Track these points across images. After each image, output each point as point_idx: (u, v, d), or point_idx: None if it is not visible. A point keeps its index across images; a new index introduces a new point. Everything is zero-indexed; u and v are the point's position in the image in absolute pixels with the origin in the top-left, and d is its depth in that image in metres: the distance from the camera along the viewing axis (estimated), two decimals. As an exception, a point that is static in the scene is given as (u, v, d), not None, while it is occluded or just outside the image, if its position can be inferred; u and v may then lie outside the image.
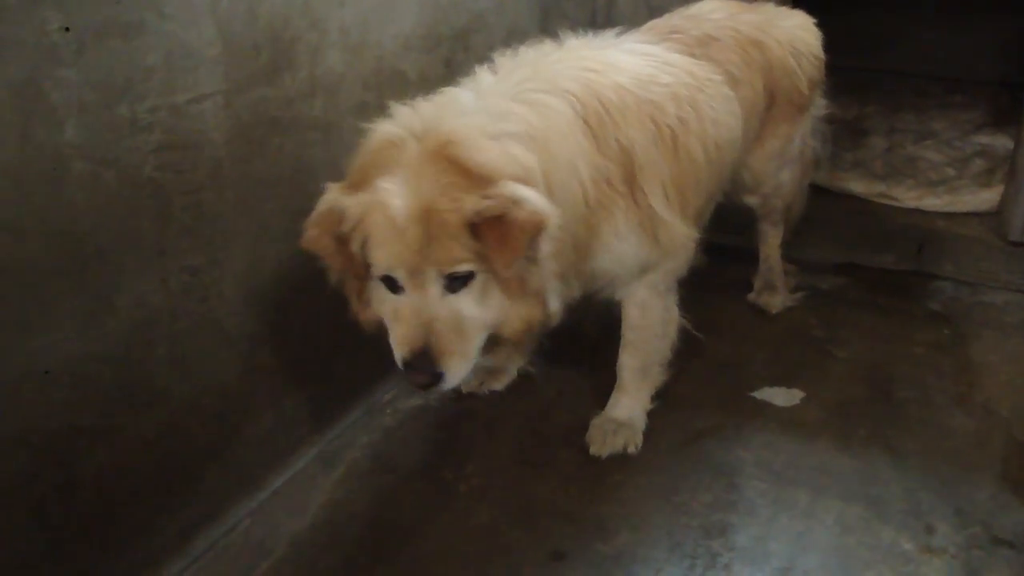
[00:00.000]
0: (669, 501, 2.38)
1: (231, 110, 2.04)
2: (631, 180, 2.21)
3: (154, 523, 2.09)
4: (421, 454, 2.59)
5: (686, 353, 2.70)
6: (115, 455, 1.94)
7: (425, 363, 1.91)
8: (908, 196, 4.09)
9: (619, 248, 2.26)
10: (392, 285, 1.96)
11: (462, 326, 1.95)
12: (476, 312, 1.96)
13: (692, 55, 2.51)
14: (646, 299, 2.49)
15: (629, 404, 2.61)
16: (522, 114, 2.01)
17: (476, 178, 1.86)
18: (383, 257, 1.91)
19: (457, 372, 1.95)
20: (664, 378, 2.66)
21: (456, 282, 1.92)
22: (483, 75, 2.19)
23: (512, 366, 2.85)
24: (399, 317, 1.96)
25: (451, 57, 2.84)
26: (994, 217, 3.90)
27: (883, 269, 3.57)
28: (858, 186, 4.18)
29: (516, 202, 1.83)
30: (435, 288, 1.92)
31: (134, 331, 1.92)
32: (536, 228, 1.86)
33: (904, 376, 2.89)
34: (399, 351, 1.96)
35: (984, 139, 4.50)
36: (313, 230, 1.96)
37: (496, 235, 1.85)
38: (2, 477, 1.71)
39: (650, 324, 2.54)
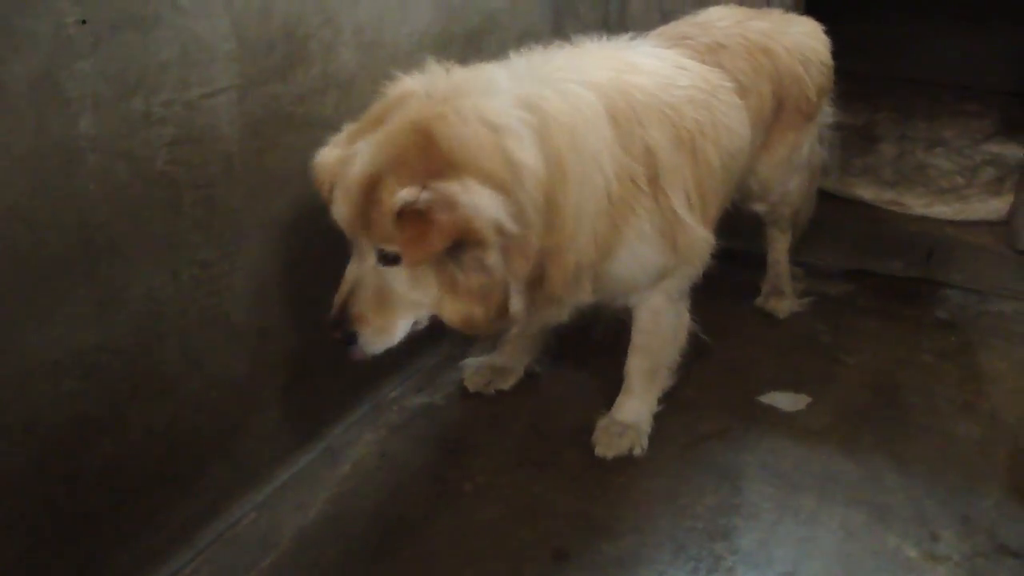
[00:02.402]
0: (674, 504, 2.38)
1: (244, 106, 2.04)
2: (654, 182, 2.21)
3: (160, 515, 2.09)
4: (426, 452, 2.59)
5: (693, 356, 2.70)
6: (122, 447, 1.95)
7: (340, 321, 1.97)
8: (917, 203, 4.09)
9: (640, 251, 2.25)
10: None
11: (386, 299, 1.97)
12: (404, 290, 1.96)
13: (702, 62, 2.50)
14: (659, 305, 2.49)
15: (636, 407, 2.61)
16: (552, 100, 2.00)
17: (441, 161, 1.84)
18: (334, 213, 1.97)
19: (369, 341, 1.98)
20: (672, 381, 2.67)
21: (391, 257, 1.92)
22: (516, 59, 2.18)
23: (519, 366, 2.86)
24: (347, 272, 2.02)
25: (464, 57, 2.83)
26: (1003, 226, 3.89)
27: (891, 276, 3.56)
28: (867, 192, 4.17)
29: (449, 204, 1.80)
30: (371, 257, 1.96)
31: (144, 323, 1.93)
32: (458, 234, 1.82)
33: (911, 383, 2.89)
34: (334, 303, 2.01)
35: (994, 148, 4.49)
36: (315, 169, 2.02)
37: (411, 229, 1.83)
38: (10, 467, 1.72)
39: (661, 330, 2.54)
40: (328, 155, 1.99)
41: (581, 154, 2.00)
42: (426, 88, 1.97)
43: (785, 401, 2.80)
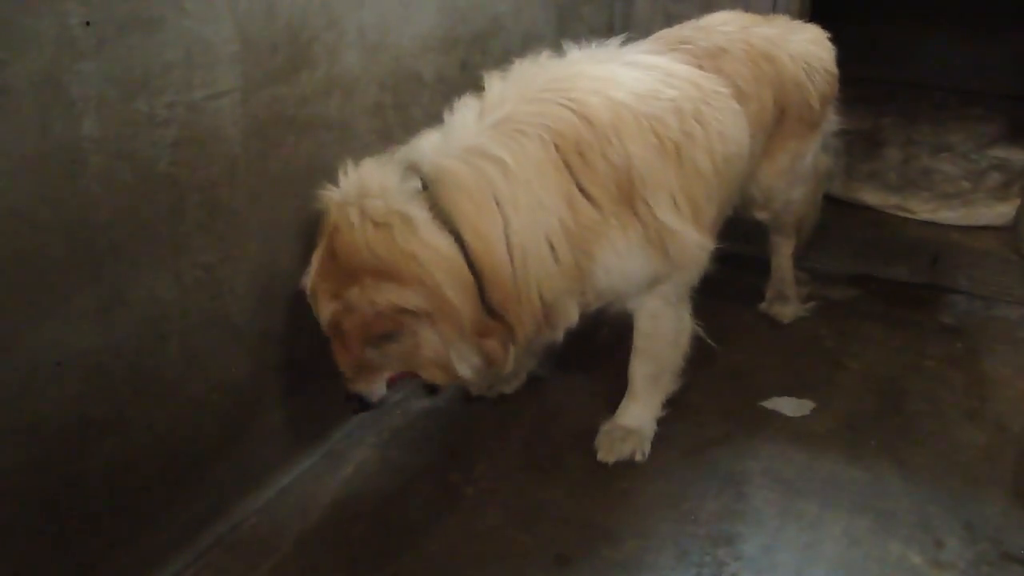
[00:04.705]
0: (677, 509, 2.37)
1: (247, 108, 2.04)
2: (629, 197, 2.20)
3: (161, 517, 2.09)
4: (429, 455, 2.58)
5: (697, 361, 2.69)
6: (124, 449, 1.94)
7: (346, 386, 2.23)
8: (923, 208, 4.07)
9: (621, 265, 2.25)
10: None
11: (368, 366, 2.18)
12: (378, 360, 2.16)
13: (700, 67, 2.48)
14: (657, 309, 2.48)
15: (639, 412, 2.61)
16: (463, 174, 2.04)
17: (343, 271, 2.03)
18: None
19: (369, 394, 2.24)
20: (675, 386, 2.65)
21: None
22: (464, 114, 2.18)
23: (522, 369, 2.85)
24: None
25: (467, 59, 2.84)
26: (1009, 231, 3.88)
27: (896, 281, 3.55)
28: (873, 197, 4.15)
29: (349, 309, 2.03)
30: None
31: (146, 325, 1.93)
32: (368, 328, 2.05)
33: (915, 389, 2.87)
34: None
35: (1000, 152, 4.46)
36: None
37: (337, 338, 2.11)
38: (12, 468, 1.71)
39: (662, 333, 2.53)
40: (306, 271, 2.14)
41: (511, 212, 2.05)
42: (341, 193, 2.08)
43: (789, 406, 2.79)
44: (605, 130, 2.16)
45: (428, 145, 2.14)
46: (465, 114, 2.19)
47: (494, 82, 2.25)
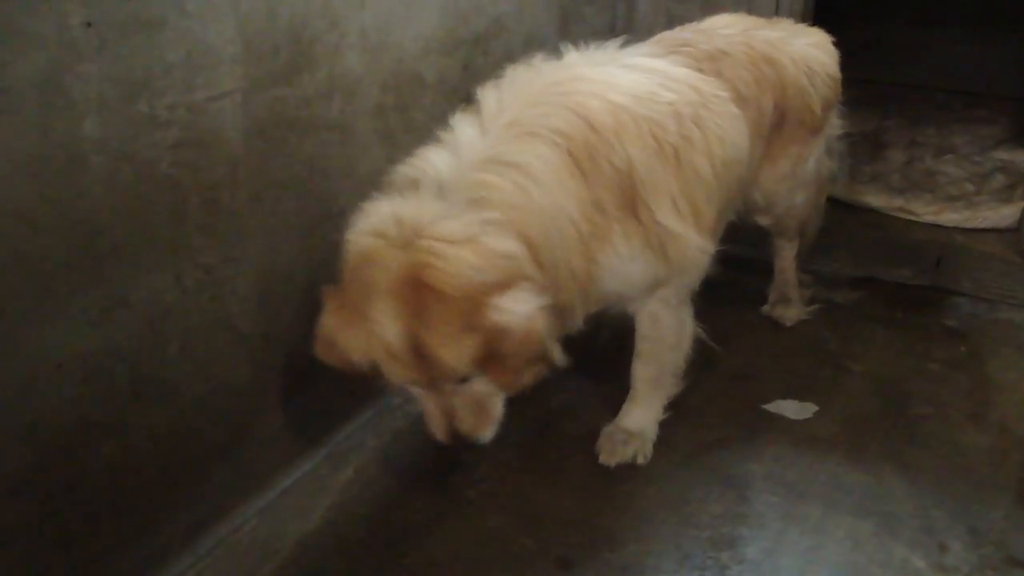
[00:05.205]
0: (678, 512, 2.36)
1: (249, 109, 2.04)
2: (631, 201, 2.19)
3: (161, 519, 2.09)
4: (430, 458, 2.58)
5: (699, 364, 2.68)
6: (124, 450, 1.94)
7: (460, 441, 2.10)
8: (926, 211, 4.06)
9: (623, 269, 2.24)
10: None
11: (482, 404, 2.08)
12: (490, 390, 2.07)
13: (700, 70, 2.46)
14: (658, 312, 2.47)
15: (641, 414, 2.60)
16: (501, 185, 1.99)
17: (462, 304, 1.86)
18: (394, 378, 2.01)
19: (489, 435, 2.12)
20: (677, 389, 2.64)
21: (468, 376, 2.00)
22: (464, 128, 2.12)
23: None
24: (425, 407, 2.10)
25: (470, 61, 2.84)
26: (1013, 233, 3.87)
27: (899, 284, 3.54)
28: (876, 200, 4.15)
29: (503, 333, 1.88)
30: (448, 386, 2.02)
31: (147, 327, 1.92)
32: (529, 345, 1.93)
33: (919, 392, 2.86)
34: (436, 435, 2.12)
35: (1005, 155, 4.46)
36: (321, 347, 2.06)
37: (493, 368, 1.96)
38: (11, 470, 1.71)
39: (663, 336, 2.52)
40: (347, 336, 1.98)
41: (543, 219, 2.03)
42: (384, 235, 1.93)
43: (791, 409, 2.78)
44: (607, 133, 2.15)
45: (441, 162, 2.05)
46: (466, 128, 2.13)
47: (488, 92, 2.20)
